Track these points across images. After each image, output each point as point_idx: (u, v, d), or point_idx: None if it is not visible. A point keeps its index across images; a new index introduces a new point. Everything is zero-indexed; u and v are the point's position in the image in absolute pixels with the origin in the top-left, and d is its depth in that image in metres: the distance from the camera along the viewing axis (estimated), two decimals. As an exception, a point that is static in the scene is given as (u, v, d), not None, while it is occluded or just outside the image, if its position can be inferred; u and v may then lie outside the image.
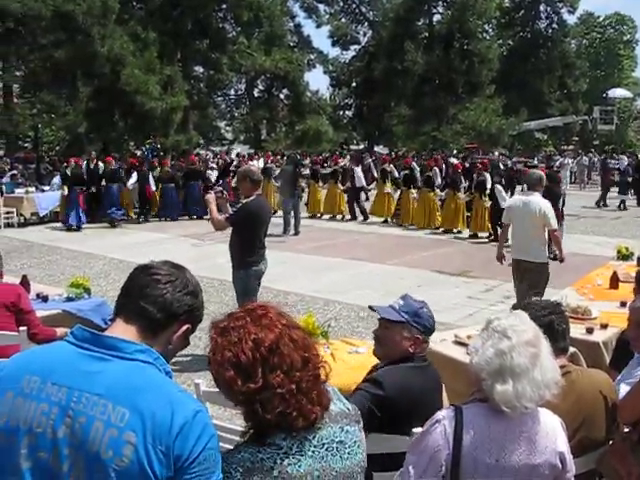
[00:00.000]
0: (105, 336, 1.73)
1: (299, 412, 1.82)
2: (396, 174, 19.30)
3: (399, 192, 18.63)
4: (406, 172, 18.40)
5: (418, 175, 18.45)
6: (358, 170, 19.31)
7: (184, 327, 1.90)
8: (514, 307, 3.26)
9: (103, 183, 18.31)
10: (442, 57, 33.89)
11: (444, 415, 2.36)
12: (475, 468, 2.27)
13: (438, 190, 17.53)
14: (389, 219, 18.56)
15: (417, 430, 2.77)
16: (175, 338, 1.88)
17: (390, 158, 22.61)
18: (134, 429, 1.59)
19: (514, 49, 43.05)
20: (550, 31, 44.12)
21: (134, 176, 18.82)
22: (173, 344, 1.89)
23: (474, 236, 15.83)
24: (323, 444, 1.88)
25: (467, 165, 19.47)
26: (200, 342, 7.30)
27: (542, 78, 41.35)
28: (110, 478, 1.58)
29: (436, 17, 36.63)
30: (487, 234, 15.56)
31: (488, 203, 15.48)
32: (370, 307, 3.40)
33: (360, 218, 18.65)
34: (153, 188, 18.98)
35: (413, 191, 17.79)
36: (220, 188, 7.39)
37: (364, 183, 19.41)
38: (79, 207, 17.32)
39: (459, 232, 16.47)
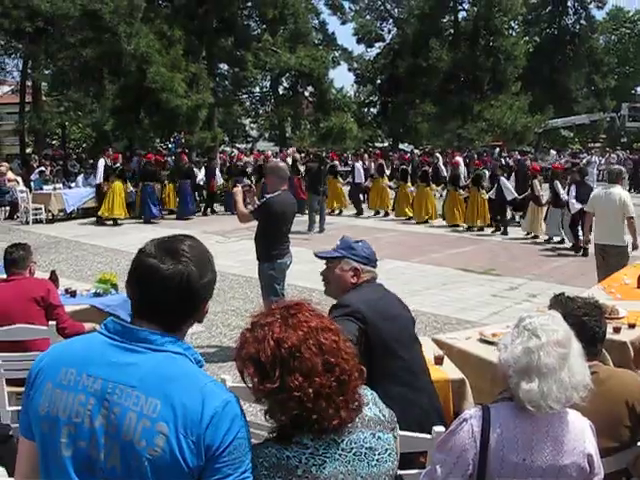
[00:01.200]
0: (137, 328, 1.76)
1: (319, 416, 1.81)
2: (444, 173, 19.32)
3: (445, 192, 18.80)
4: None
5: (463, 174, 18.50)
6: (358, 165, 20.14)
7: (207, 305, 1.90)
8: (555, 299, 3.23)
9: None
10: (467, 54, 33.65)
11: (471, 414, 2.35)
12: (502, 467, 2.26)
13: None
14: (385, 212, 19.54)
15: (439, 429, 2.78)
16: (200, 316, 1.89)
17: (399, 155, 22.86)
18: (166, 420, 1.64)
19: (541, 45, 42.62)
20: (578, 27, 43.58)
21: (202, 170, 20.35)
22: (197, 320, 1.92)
23: (469, 229, 16.79)
24: (351, 448, 1.87)
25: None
26: (225, 338, 7.39)
27: (569, 75, 40.89)
28: (144, 467, 1.63)
29: (461, 14, 36.40)
30: (481, 226, 16.66)
31: (486, 196, 16.47)
32: (315, 254, 3.70)
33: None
34: (221, 181, 20.12)
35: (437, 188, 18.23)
36: (248, 182, 7.44)
37: (363, 179, 20.06)
38: (155, 200, 18.40)
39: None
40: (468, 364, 4.60)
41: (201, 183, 20.76)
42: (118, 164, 18.78)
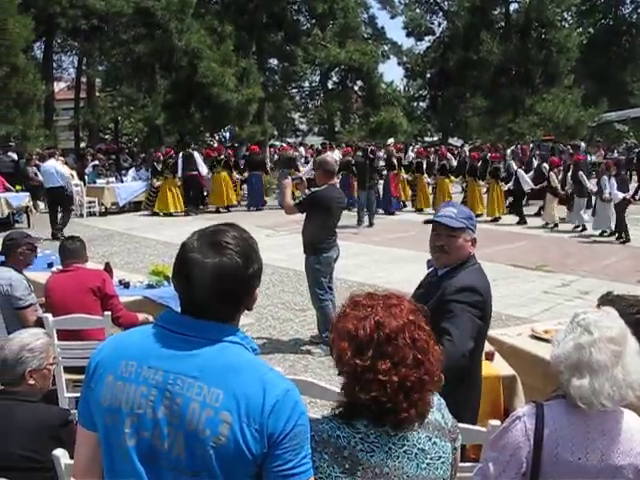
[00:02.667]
0: (194, 319, 1.78)
1: (393, 406, 1.83)
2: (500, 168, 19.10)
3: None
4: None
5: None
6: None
7: (256, 292, 1.89)
8: (603, 298, 3.18)
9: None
10: (519, 47, 33.09)
11: (524, 412, 2.32)
12: (556, 466, 2.22)
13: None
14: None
15: (494, 423, 2.75)
16: (250, 304, 1.90)
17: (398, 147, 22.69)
18: (229, 409, 1.67)
19: (595, 37, 41.54)
20: (635, 17, 42.39)
21: None
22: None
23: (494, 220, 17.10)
24: (403, 445, 1.88)
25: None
26: (274, 331, 7.45)
27: (625, 67, 39.78)
28: (209, 455, 1.66)
29: (513, 6, 35.78)
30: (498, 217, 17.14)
31: (505, 187, 17.16)
32: (427, 221, 3.49)
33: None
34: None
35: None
36: (299, 174, 7.49)
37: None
38: (260, 190, 19.61)
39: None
40: (519, 360, 4.55)
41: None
42: (222, 155, 20.07)
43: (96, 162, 21.41)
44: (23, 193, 16.70)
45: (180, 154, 19.61)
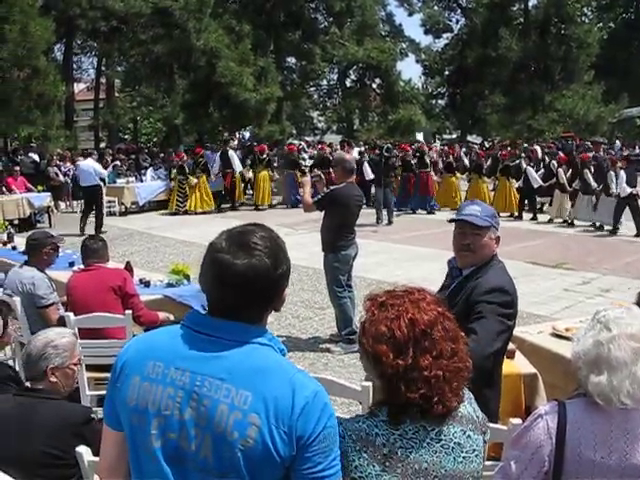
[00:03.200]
0: (221, 320, 1.76)
1: (440, 398, 1.84)
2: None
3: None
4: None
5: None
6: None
7: (284, 293, 1.88)
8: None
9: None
10: (538, 43, 32.81)
11: (546, 410, 2.28)
12: (580, 465, 2.18)
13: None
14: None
15: (516, 421, 2.74)
16: (278, 305, 1.88)
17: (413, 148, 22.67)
18: (257, 411, 1.65)
19: (616, 32, 41.09)
20: (656, 11, 41.92)
21: None
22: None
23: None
24: (440, 439, 1.87)
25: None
26: (294, 330, 7.45)
27: (646, 62, 39.42)
28: (237, 458, 1.65)
29: (532, 2, 35.39)
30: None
31: (515, 185, 17.30)
32: (451, 220, 3.46)
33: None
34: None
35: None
36: (319, 172, 7.51)
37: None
38: (296, 188, 19.27)
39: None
40: (540, 358, 4.53)
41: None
42: (265, 154, 20.51)
43: (117, 162, 21.57)
44: (44, 193, 16.86)
45: (218, 152, 20.14)
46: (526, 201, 17.33)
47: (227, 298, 1.76)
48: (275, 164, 21.40)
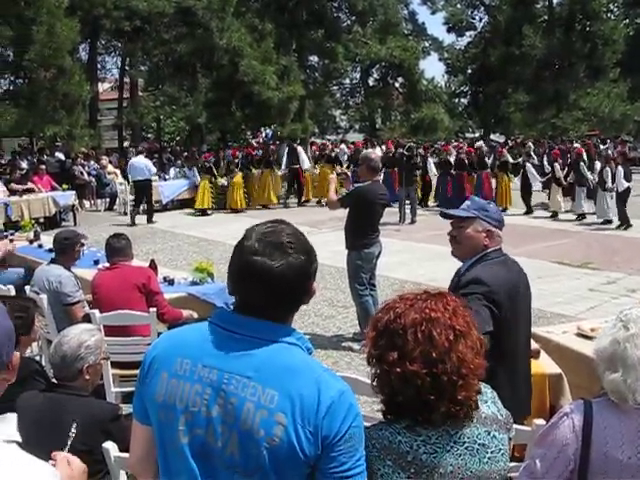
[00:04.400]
0: (249, 319, 1.77)
1: (404, 400, 1.85)
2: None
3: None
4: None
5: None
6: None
7: (314, 285, 1.87)
8: None
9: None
10: (562, 40, 32.51)
11: (572, 409, 2.27)
12: (606, 465, 2.16)
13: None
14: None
15: (539, 422, 2.72)
16: (308, 300, 1.88)
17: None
18: (284, 410, 1.66)
19: (642, 29, 40.70)
20: (684, 8, 41.31)
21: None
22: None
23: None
24: (464, 442, 1.87)
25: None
26: (317, 328, 7.43)
27: (674, 59, 38.88)
28: (262, 455, 1.66)
29: (556, -1, 35.22)
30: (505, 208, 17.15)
31: (514, 180, 17.91)
32: (443, 213, 3.54)
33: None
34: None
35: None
36: (346, 170, 7.53)
37: None
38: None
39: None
40: (565, 359, 4.49)
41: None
42: (326, 150, 21.09)
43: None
44: (69, 192, 17.02)
45: (286, 148, 20.71)
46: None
47: (259, 298, 1.76)
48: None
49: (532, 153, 19.38)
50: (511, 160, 18.93)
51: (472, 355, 1.90)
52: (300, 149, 20.38)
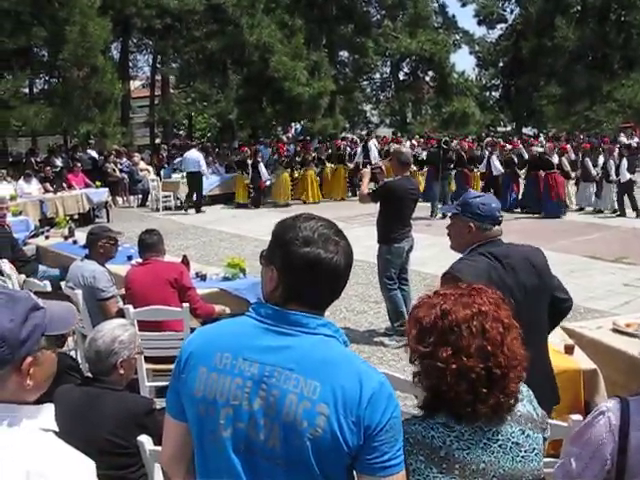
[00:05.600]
0: (290, 312, 1.78)
1: (455, 396, 1.83)
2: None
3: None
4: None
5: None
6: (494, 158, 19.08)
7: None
8: None
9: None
10: (596, 31, 31.91)
11: (609, 407, 2.21)
12: None
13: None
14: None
15: (576, 417, 2.69)
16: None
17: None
18: (326, 401, 1.67)
19: (678, 18, 39.85)
20: None
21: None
22: None
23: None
24: (497, 440, 1.86)
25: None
26: (349, 323, 7.45)
27: None
28: (305, 447, 1.67)
29: (590, -12, 34.60)
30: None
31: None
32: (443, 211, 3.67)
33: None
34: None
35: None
36: (380, 164, 7.52)
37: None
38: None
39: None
40: (600, 354, 4.43)
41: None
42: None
43: (180, 159, 22.04)
44: (102, 189, 17.22)
45: (361, 144, 21.06)
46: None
47: (313, 288, 1.79)
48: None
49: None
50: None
51: (519, 346, 1.92)
52: (371, 144, 20.50)
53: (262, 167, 19.33)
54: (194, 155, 18.05)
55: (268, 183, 19.45)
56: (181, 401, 1.87)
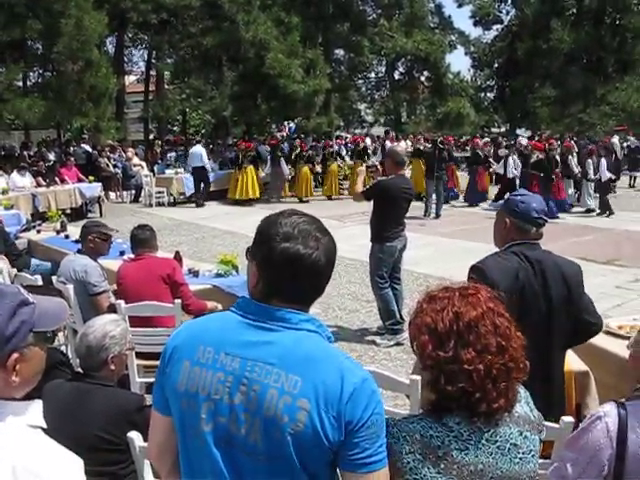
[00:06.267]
0: (272, 307, 1.78)
1: (482, 395, 1.82)
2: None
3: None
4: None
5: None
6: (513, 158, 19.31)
7: None
8: None
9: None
10: (591, 34, 31.99)
11: (606, 412, 2.20)
12: None
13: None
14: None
15: (567, 419, 2.68)
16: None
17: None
18: (307, 396, 1.67)
19: (673, 22, 39.92)
20: None
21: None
22: None
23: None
24: (496, 441, 1.85)
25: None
26: (341, 321, 7.45)
27: None
28: (286, 441, 1.67)
29: (586, -8, 34.67)
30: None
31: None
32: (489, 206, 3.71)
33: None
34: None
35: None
36: (377, 163, 7.53)
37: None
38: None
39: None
40: (592, 356, 4.43)
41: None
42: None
43: (173, 154, 22.06)
44: (95, 184, 17.18)
45: (380, 144, 21.48)
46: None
47: (293, 284, 1.78)
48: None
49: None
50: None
51: (520, 336, 1.94)
52: (388, 143, 20.50)
53: (283, 162, 19.77)
54: (197, 150, 18.80)
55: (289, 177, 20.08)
56: (166, 395, 1.86)
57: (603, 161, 16.61)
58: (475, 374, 1.81)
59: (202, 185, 18.91)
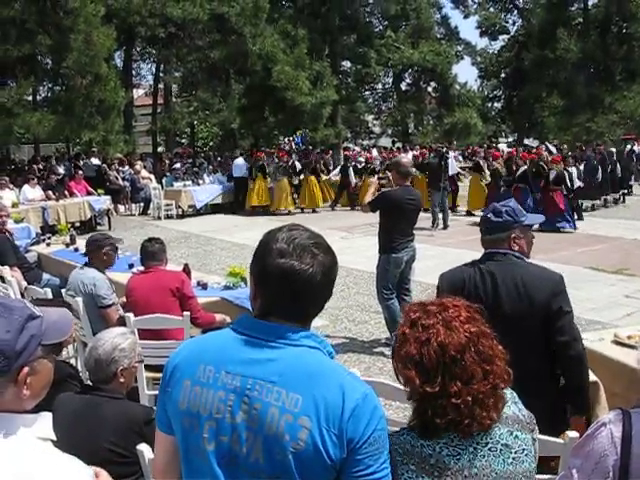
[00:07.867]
0: (272, 324, 1.77)
1: (472, 420, 1.82)
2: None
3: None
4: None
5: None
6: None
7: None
8: None
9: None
10: (598, 43, 31.96)
11: (610, 418, 2.17)
12: None
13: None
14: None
15: (573, 434, 2.68)
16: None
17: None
18: (308, 414, 1.66)
19: (681, 30, 39.85)
20: None
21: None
22: None
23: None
24: (487, 443, 1.86)
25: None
26: (350, 333, 7.43)
27: None
28: (288, 460, 1.65)
29: (592, 1, 34.67)
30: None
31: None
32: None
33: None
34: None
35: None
36: (388, 174, 7.55)
37: None
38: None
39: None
40: (601, 366, 4.40)
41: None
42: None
43: (177, 165, 22.10)
44: (104, 197, 17.26)
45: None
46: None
47: (287, 301, 1.76)
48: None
49: None
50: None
51: (503, 352, 1.94)
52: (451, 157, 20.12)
53: (351, 171, 20.03)
54: (239, 162, 20.20)
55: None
56: (168, 414, 1.86)
57: (574, 169, 17.01)
58: (463, 405, 1.81)
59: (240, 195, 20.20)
